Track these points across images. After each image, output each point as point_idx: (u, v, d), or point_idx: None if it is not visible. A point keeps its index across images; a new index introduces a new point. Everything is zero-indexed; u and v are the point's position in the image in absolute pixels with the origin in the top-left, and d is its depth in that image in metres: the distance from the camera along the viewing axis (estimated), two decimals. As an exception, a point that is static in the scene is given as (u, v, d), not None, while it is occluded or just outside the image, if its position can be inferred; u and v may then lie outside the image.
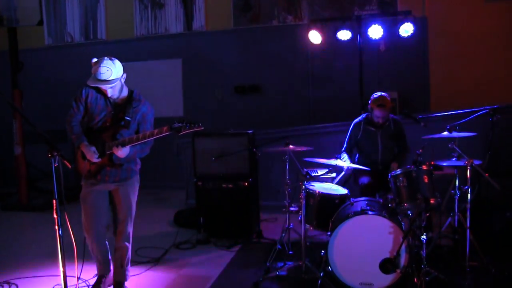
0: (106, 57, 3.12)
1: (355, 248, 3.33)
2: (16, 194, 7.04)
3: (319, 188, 3.89)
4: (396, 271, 3.19)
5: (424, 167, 3.42)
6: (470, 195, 3.67)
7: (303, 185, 3.62)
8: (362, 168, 4.05)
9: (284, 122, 7.37)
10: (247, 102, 8.12)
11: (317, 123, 6.72)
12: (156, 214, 6.21)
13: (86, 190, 3.31)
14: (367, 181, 4.15)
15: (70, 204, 2.81)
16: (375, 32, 5.88)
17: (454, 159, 3.76)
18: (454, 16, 7.24)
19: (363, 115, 4.48)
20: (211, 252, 4.54)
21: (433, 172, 3.47)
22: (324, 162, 3.91)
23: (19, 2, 6.63)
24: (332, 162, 3.89)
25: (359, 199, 3.70)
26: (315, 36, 6.18)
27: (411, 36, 5.87)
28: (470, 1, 7.21)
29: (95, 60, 3.13)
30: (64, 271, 2.54)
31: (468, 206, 3.68)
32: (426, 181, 3.40)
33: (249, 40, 8.13)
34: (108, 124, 3.24)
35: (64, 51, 9.00)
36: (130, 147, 3.13)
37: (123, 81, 3.24)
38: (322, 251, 3.48)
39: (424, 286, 3.18)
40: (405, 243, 3.15)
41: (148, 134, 3.11)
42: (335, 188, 3.98)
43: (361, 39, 6.03)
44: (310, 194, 3.78)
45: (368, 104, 4.32)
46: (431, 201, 3.32)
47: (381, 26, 5.85)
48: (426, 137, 3.94)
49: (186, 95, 8.45)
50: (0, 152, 8.82)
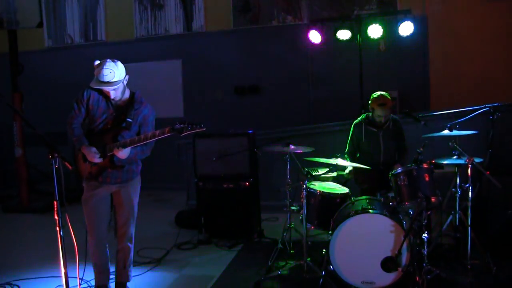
0: (108, 59, 3.11)
1: (356, 247, 3.33)
2: (16, 196, 7.04)
3: (320, 187, 3.89)
4: (398, 269, 3.19)
5: (425, 165, 3.43)
6: (471, 193, 3.67)
7: (304, 184, 3.62)
8: (363, 167, 4.04)
9: (284, 122, 7.36)
10: (247, 102, 8.12)
11: (317, 123, 6.72)
12: (157, 215, 6.21)
13: (88, 193, 3.29)
14: (368, 180, 4.14)
15: (71, 206, 2.82)
16: (375, 31, 5.88)
17: (454, 157, 3.75)
18: (454, 15, 7.24)
19: (363, 116, 4.47)
20: (212, 252, 4.55)
21: (433, 170, 3.47)
22: (324, 162, 3.90)
23: (19, 4, 6.62)
24: (333, 162, 3.89)
25: (360, 198, 3.70)
26: (315, 36, 6.18)
27: (411, 35, 5.87)
28: (470, 0, 7.21)
29: (97, 62, 3.12)
30: (65, 272, 2.54)
31: (469, 204, 3.68)
32: (427, 179, 3.40)
33: (248, 40, 8.12)
34: (109, 126, 3.24)
35: (64, 53, 8.98)
36: (130, 148, 3.13)
37: (126, 83, 3.23)
38: (324, 250, 3.48)
39: (425, 285, 3.18)
40: (406, 241, 3.15)
41: (150, 135, 3.11)
42: (336, 187, 3.98)
43: (360, 39, 6.02)
44: (311, 193, 3.78)
45: (369, 104, 4.32)
46: (432, 199, 3.33)
47: (380, 25, 5.84)
48: (427, 135, 3.94)
49: (186, 96, 8.44)
50: (0, 154, 8.82)
